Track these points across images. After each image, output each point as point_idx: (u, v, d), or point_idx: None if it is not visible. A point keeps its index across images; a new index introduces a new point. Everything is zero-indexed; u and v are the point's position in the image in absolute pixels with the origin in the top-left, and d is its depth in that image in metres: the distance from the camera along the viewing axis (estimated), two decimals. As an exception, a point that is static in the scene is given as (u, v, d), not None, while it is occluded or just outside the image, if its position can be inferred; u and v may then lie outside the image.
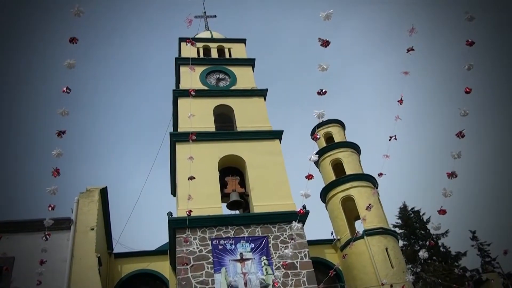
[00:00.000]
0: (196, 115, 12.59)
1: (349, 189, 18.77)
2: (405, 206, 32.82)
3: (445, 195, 6.94)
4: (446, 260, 28.33)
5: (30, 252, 11.44)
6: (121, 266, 17.05)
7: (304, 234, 15.42)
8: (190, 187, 11.99)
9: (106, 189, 15.23)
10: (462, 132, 6.66)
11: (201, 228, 14.87)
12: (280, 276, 14.08)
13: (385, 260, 16.75)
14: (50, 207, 7.52)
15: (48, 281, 11.76)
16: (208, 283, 13.85)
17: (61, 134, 6.56)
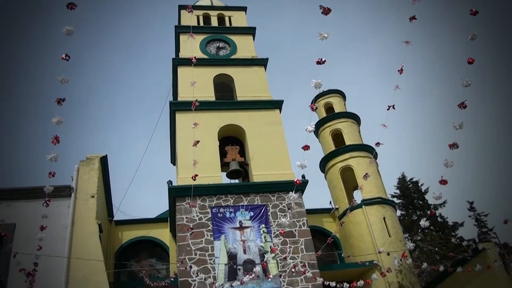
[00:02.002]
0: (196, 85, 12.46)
1: (348, 159, 18.84)
2: (404, 176, 33.01)
3: (447, 165, 6.95)
4: (443, 230, 28.65)
5: (31, 219, 11.53)
6: (122, 233, 17.25)
7: (302, 203, 15.56)
8: (191, 156, 12.02)
9: (106, 157, 15.26)
10: (464, 103, 6.63)
11: (201, 196, 14.98)
12: (278, 243, 14.26)
13: (382, 229, 16.96)
14: (50, 174, 7.53)
15: (49, 247, 11.88)
16: (207, 249, 14.04)
17: (61, 102, 6.52)
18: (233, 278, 13.19)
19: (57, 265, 12.12)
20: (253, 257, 14.10)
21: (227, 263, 13.83)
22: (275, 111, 18.01)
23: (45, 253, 10.84)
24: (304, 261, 14.04)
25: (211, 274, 13.56)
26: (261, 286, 13.60)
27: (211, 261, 13.87)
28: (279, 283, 13.75)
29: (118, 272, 16.27)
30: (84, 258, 12.00)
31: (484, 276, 11.19)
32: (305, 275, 13.12)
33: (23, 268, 8.98)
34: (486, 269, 10.73)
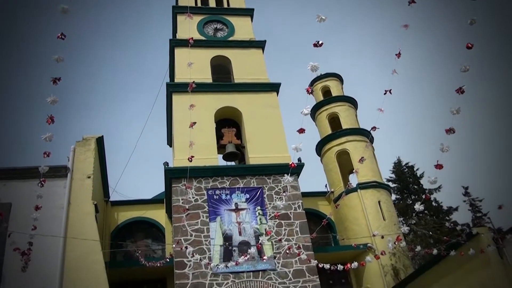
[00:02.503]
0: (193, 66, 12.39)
1: (345, 143, 18.88)
2: (400, 161, 33.12)
3: (442, 150, 6.96)
4: (438, 215, 28.86)
5: (27, 199, 11.52)
6: (118, 214, 17.31)
7: (298, 186, 15.62)
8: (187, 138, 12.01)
9: (102, 138, 15.23)
10: (462, 88, 6.61)
11: (197, 178, 15.01)
12: (272, 225, 14.35)
13: (377, 212, 17.08)
14: (45, 154, 7.49)
15: (46, 227, 11.92)
16: (203, 231, 14.13)
17: (56, 81, 6.46)
18: (228, 259, 13.29)
19: (53, 245, 12.17)
20: (248, 239, 14.21)
21: (223, 244, 13.93)
22: (272, 93, 17.97)
23: (42, 232, 10.88)
24: (299, 243, 14.16)
25: (207, 255, 13.66)
26: (256, 267, 13.73)
27: (207, 242, 13.96)
28: (274, 264, 13.88)
29: (114, 252, 16.37)
30: (80, 238, 12.05)
31: (477, 261, 11.29)
32: (299, 257, 13.21)
33: (18, 247, 9.00)
34: (479, 253, 10.82)
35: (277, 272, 13.81)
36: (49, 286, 11.75)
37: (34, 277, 11.70)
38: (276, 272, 13.81)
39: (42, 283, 11.79)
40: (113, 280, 13.49)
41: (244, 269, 13.56)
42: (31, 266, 11.00)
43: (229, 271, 13.32)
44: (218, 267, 12.95)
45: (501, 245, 10.97)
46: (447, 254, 11.47)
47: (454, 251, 11.24)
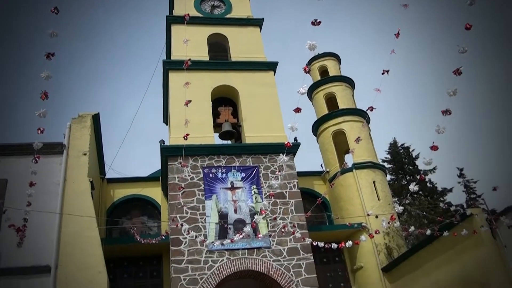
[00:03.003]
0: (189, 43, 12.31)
1: (341, 123, 18.89)
2: (395, 142, 33.23)
3: (438, 131, 6.96)
4: (432, 195, 29.07)
5: (23, 175, 11.54)
6: (114, 191, 17.37)
7: (294, 165, 15.67)
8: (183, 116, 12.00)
9: (98, 115, 15.19)
10: (459, 70, 6.58)
11: (193, 156, 15.03)
12: (268, 204, 14.43)
13: (372, 192, 17.19)
14: (39, 130, 7.45)
15: (42, 203, 11.99)
16: (199, 208, 14.20)
17: (50, 56, 6.40)
18: (223, 237, 13.39)
19: (50, 221, 12.25)
20: (243, 217, 14.30)
21: (218, 222, 14.02)
22: (269, 72, 17.88)
23: (38, 209, 10.93)
24: (294, 222, 14.27)
25: (202, 232, 13.76)
26: (251, 244, 13.85)
27: (202, 220, 14.05)
28: (269, 242, 14.00)
29: (110, 229, 16.48)
30: (76, 214, 12.11)
31: (470, 241, 11.44)
32: (294, 235, 13.32)
33: (13, 224, 9.04)
34: (472, 234, 10.95)
35: (272, 250, 13.94)
36: (45, 262, 11.85)
37: (30, 252, 11.81)
38: (271, 249, 13.95)
39: (38, 259, 11.89)
40: (109, 257, 13.62)
41: (239, 246, 13.69)
42: (27, 241, 11.13)
43: (224, 248, 13.44)
44: (213, 245, 13.09)
45: (494, 226, 11.09)
46: (440, 235, 11.60)
47: (447, 231, 11.37)
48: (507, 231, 10.80)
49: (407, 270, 14.62)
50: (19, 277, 11.58)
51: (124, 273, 15.78)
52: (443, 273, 12.75)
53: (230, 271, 13.44)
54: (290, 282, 13.59)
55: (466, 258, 11.79)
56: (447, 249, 12.56)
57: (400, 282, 15.10)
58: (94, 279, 11.96)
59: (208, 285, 13.15)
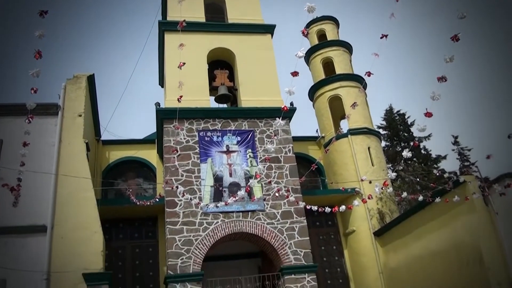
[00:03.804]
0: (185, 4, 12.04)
1: (338, 88, 18.81)
2: (391, 108, 33.24)
3: (433, 98, 6.93)
4: (426, 162, 29.29)
5: (18, 136, 11.52)
6: (109, 153, 17.38)
7: (289, 130, 15.69)
8: (179, 79, 11.90)
9: (93, 76, 15.04)
10: (457, 36, 6.51)
11: (188, 119, 15.00)
12: (262, 168, 14.52)
13: (366, 158, 17.30)
14: (32, 90, 7.37)
15: (37, 164, 12.03)
16: (194, 171, 14.28)
17: (43, 14, 6.28)
18: (218, 200, 13.53)
19: (45, 182, 12.30)
20: (238, 180, 14.41)
21: (213, 185, 14.13)
22: (266, 35, 17.67)
23: (34, 169, 10.97)
24: (288, 186, 14.40)
25: (197, 195, 13.88)
26: (245, 207, 14.01)
27: (197, 183, 14.15)
28: (263, 205, 14.16)
29: (105, 190, 16.59)
30: (71, 175, 12.16)
31: (463, 207, 11.59)
32: (288, 199, 13.48)
33: (7, 183, 9.08)
34: (465, 200, 11.10)
35: (266, 213, 14.12)
36: (41, 221, 11.97)
37: (26, 212, 11.91)
38: (265, 213, 14.12)
39: (34, 218, 12.01)
40: (104, 217, 13.74)
41: (233, 209, 13.85)
42: (23, 201, 11.20)
43: (218, 211, 13.59)
44: (208, 207, 13.22)
45: (487, 193, 11.23)
46: (433, 201, 11.75)
47: (439, 197, 11.51)
48: (499, 199, 10.95)
49: (398, 235, 14.87)
50: (15, 236, 11.71)
51: (119, 233, 15.99)
52: (434, 238, 12.99)
53: (224, 233, 13.65)
54: (283, 244, 13.83)
55: (458, 223, 11.99)
56: (439, 215, 12.74)
57: (391, 246, 15.39)
58: (90, 239, 12.11)
59: (203, 246, 13.37)
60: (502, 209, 11.08)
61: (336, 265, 17.07)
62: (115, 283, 13.84)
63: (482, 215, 11.29)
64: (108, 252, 14.39)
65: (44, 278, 11.31)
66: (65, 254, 11.77)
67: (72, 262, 11.69)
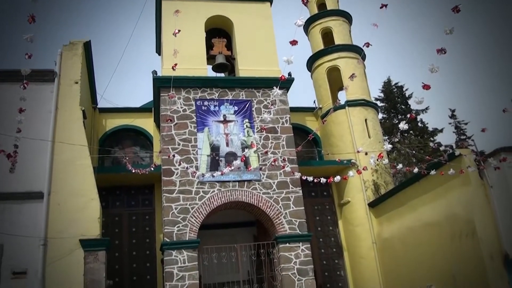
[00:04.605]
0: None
1: (336, 59, 18.68)
2: (389, 80, 33.12)
3: (432, 70, 6.90)
4: (423, 135, 29.39)
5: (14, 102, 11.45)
6: (106, 121, 17.34)
7: (287, 100, 15.64)
8: (176, 47, 11.78)
9: (89, 43, 14.86)
10: (458, 7, 6.44)
11: (185, 88, 14.92)
12: (258, 138, 14.54)
13: (363, 130, 17.32)
14: (26, 55, 7.30)
15: (34, 131, 12.00)
16: (191, 140, 14.29)
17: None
18: (215, 169, 13.57)
19: (42, 149, 12.30)
20: (235, 150, 14.44)
21: (210, 155, 14.16)
22: (265, 4, 17.39)
23: (31, 136, 10.96)
24: (284, 156, 14.45)
25: (194, 164, 13.93)
26: (241, 177, 14.09)
27: (194, 152, 14.18)
28: (259, 175, 14.24)
29: (102, 158, 16.61)
30: (68, 143, 12.15)
31: (458, 180, 11.67)
32: (284, 170, 13.56)
33: (3, 150, 9.06)
34: (460, 173, 11.17)
35: (262, 183, 14.20)
36: (38, 188, 12.03)
37: (23, 178, 11.96)
38: (261, 182, 14.21)
39: (31, 185, 12.06)
40: (101, 185, 13.81)
41: (230, 178, 13.93)
42: (20, 168, 11.21)
43: (215, 180, 13.67)
44: (204, 176, 13.29)
45: (482, 167, 11.31)
46: (428, 173, 11.82)
47: (435, 170, 11.57)
48: (494, 173, 11.03)
49: (393, 206, 15.03)
50: (12, 202, 11.79)
51: (116, 201, 16.12)
52: (428, 210, 13.13)
53: (220, 202, 13.76)
54: (279, 214, 13.96)
55: (452, 196, 12.10)
56: (434, 187, 12.85)
57: (385, 217, 15.58)
58: (86, 206, 12.20)
59: (199, 215, 13.50)
60: (496, 183, 11.17)
61: (330, 234, 17.31)
62: (112, 250, 14.01)
63: (476, 189, 11.39)
64: (105, 219, 14.50)
65: (41, 244, 11.44)
66: (62, 221, 11.88)
67: (69, 228, 11.81)
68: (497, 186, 11.14)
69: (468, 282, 11.32)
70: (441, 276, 12.41)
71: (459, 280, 11.65)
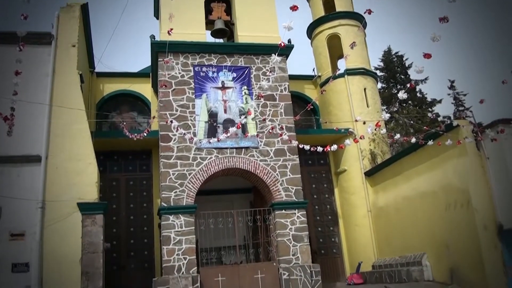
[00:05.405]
0: None
1: (337, 26, 18.46)
2: (390, 50, 32.84)
3: (433, 39, 6.82)
4: (421, 105, 29.35)
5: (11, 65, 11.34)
6: (103, 85, 17.22)
7: (286, 68, 15.52)
8: (173, 11, 11.62)
9: (87, 5, 14.63)
10: (461, -24, 6.33)
11: (183, 53, 14.76)
12: (254, 105, 14.50)
13: (361, 99, 17.28)
14: (22, 16, 7.16)
15: (32, 94, 11.99)
16: (188, 107, 14.24)
17: None
18: (212, 136, 13.57)
19: (40, 113, 12.28)
20: (233, 117, 14.40)
21: (207, 121, 14.14)
22: (266, -33, 17.03)
23: (29, 99, 10.91)
24: (282, 124, 14.44)
25: (191, 130, 13.92)
26: (239, 144, 14.11)
27: (192, 118, 14.14)
28: (257, 142, 14.25)
29: (100, 123, 16.57)
30: (65, 107, 12.12)
31: (454, 151, 11.72)
32: (281, 137, 13.57)
33: (0, 112, 9.03)
34: (457, 144, 11.20)
35: (259, 150, 14.24)
36: (36, 152, 12.05)
37: (21, 142, 11.96)
38: (258, 150, 14.24)
39: (28, 148, 12.08)
40: (99, 150, 13.86)
41: (227, 145, 13.95)
42: (17, 131, 11.18)
43: (212, 147, 13.69)
44: (201, 142, 13.30)
45: (479, 138, 11.33)
46: (425, 143, 11.84)
47: (432, 140, 11.60)
48: (491, 144, 11.07)
49: (389, 175, 15.13)
50: (10, 165, 11.84)
51: (114, 166, 16.19)
52: (424, 180, 13.23)
53: (218, 168, 13.81)
54: (275, 181, 14.05)
55: (448, 167, 12.17)
56: (431, 157, 12.91)
57: (380, 186, 15.71)
58: (84, 169, 12.27)
59: (196, 180, 13.57)
60: (493, 154, 11.23)
61: (326, 202, 17.50)
62: (109, 214, 14.16)
63: (473, 159, 11.45)
64: (103, 184, 14.62)
65: (39, 207, 11.56)
66: (60, 184, 11.97)
67: (67, 192, 11.91)
68: (494, 158, 11.20)
69: (461, 252, 11.51)
70: (434, 245, 12.60)
71: (452, 249, 11.84)
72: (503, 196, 10.92)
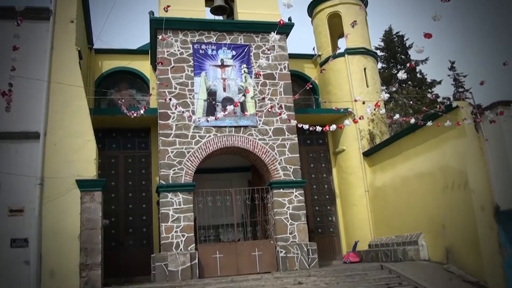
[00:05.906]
0: None
1: (338, 5, 18.28)
2: (391, 29, 32.56)
3: (434, 18, 6.77)
4: (421, 86, 29.24)
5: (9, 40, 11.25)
6: (102, 62, 17.11)
7: (285, 46, 15.42)
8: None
9: (85, -20, 14.47)
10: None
11: (183, 30, 14.64)
12: (253, 83, 14.45)
13: (361, 79, 17.21)
14: (20, -11, 7.09)
15: (30, 70, 11.90)
16: (187, 85, 14.18)
17: None
18: (211, 114, 13.53)
19: (38, 89, 12.20)
20: (232, 95, 14.35)
21: (206, 99, 14.10)
22: None
23: (27, 75, 10.85)
24: (281, 103, 14.40)
25: (190, 108, 13.89)
26: (238, 122, 14.10)
27: (191, 96, 14.10)
28: (255, 121, 14.24)
29: (98, 100, 16.52)
30: (64, 83, 12.05)
31: (453, 132, 11.71)
32: (280, 116, 13.54)
33: (-1, 88, 8.96)
34: (456, 125, 11.19)
35: (258, 129, 14.24)
36: (34, 128, 12.02)
37: (19, 118, 11.91)
38: (257, 129, 14.24)
39: (27, 125, 12.04)
40: (97, 127, 13.85)
41: (226, 124, 13.94)
42: (16, 108, 11.13)
43: (211, 125, 13.68)
44: (200, 121, 13.28)
45: (478, 120, 11.32)
46: (424, 124, 11.83)
47: (431, 121, 11.58)
48: (489, 126, 11.06)
49: (387, 156, 15.16)
50: (9, 142, 11.81)
51: (112, 143, 16.19)
52: (422, 160, 13.26)
53: (216, 147, 13.83)
54: (274, 160, 14.09)
55: (447, 148, 12.18)
56: (429, 138, 12.91)
57: (378, 166, 15.75)
58: (82, 146, 12.25)
59: (195, 159, 13.60)
60: (492, 136, 11.23)
61: (324, 182, 17.57)
62: (108, 191, 14.20)
63: (471, 141, 11.46)
64: (101, 161, 14.63)
65: (37, 183, 11.57)
66: (59, 161, 11.97)
67: (66, 168, 11.92)
68: (492, 139, 11.21)
69: (457, 232, 11.61)
70: (431, 225, 12.70)
71: (449, 230, 11.94)
72: (501, 178, 10.96)
